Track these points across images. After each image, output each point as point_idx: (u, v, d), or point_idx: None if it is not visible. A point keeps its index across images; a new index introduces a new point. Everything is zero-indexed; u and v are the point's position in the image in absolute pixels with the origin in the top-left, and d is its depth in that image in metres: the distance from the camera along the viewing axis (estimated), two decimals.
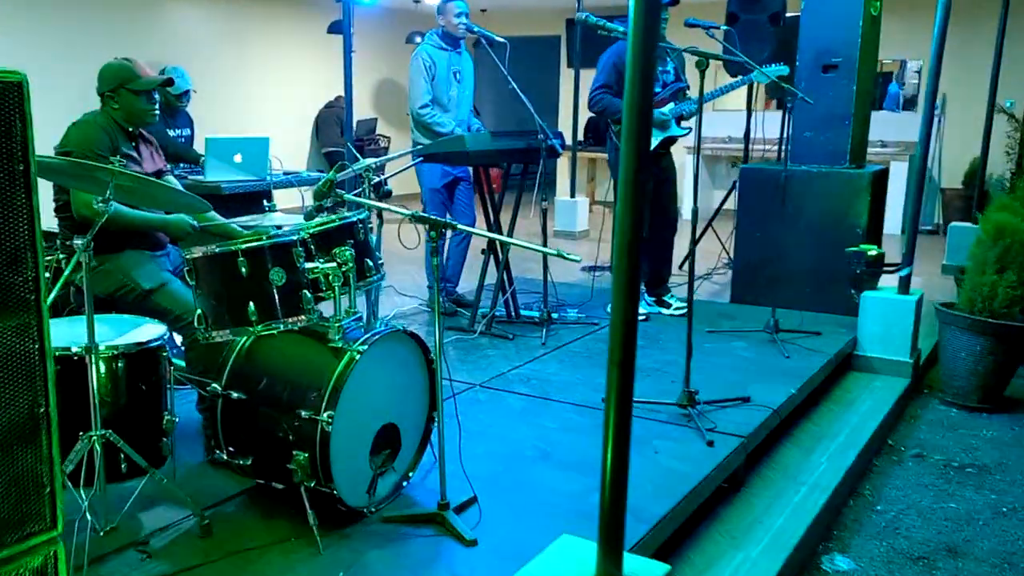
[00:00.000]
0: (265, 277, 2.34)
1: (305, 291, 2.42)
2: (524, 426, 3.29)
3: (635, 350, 1.78)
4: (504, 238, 2.45)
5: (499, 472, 2.87)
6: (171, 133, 4.66)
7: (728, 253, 7.11)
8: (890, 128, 9.30)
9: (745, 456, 3.20)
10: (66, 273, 2.20)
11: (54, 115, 2.92)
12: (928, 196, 9.54)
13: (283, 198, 4.95)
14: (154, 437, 2.44)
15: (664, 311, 5.00)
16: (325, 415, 2.34)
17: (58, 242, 3.07)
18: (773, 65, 4.51)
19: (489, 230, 4.67)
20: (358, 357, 2.41)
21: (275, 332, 2.41)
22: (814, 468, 3.38)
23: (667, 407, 3.43)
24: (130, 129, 2.90)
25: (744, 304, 5.22)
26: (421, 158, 3.49)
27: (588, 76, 8.90)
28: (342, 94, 9.94)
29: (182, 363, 3.59)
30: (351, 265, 2.53)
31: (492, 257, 4.70)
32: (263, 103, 9.64)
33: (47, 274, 3.42)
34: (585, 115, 9.71)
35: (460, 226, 2.39)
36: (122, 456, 2.30)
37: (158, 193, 2.34)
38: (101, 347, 2.29)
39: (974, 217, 7.51)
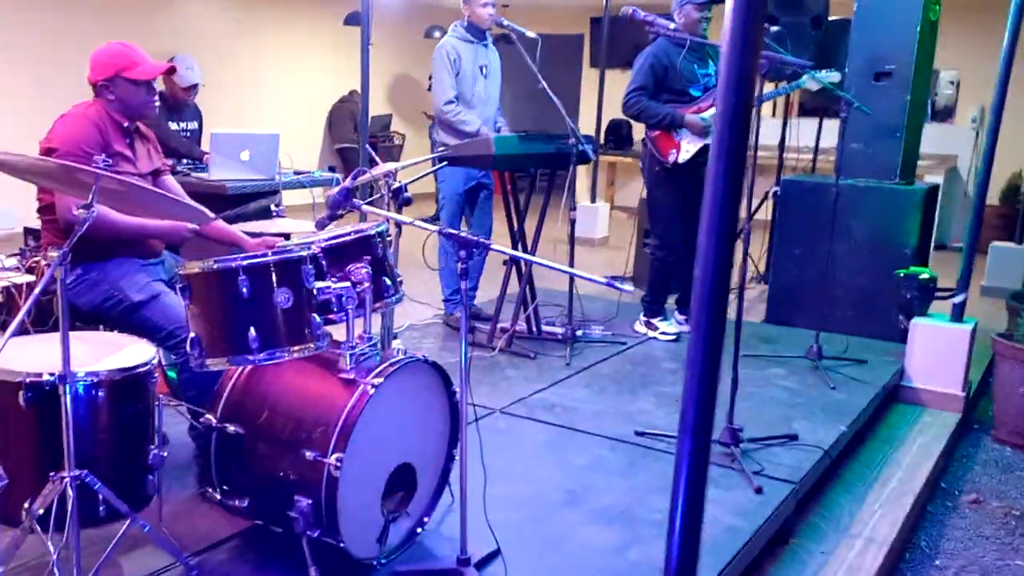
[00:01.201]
0: (269, 298, 2.04)
1: (314, 314, 2.12)
2: (550, 462, 2.99)
3: (712, 419, 1.47)
4: (545, 262, 2.15)
5: (523, 519, 2.56)
6: (174, 127, 4.36)
7: (757, 267, 6.80)
8: (923, 141, 8.94)
9: (795, 504, 2.89)
10: (41, 286, 1.90)
11: (56, 109, 2.61)
12: (963, 212, 9.19)
13: (292, 196, 4.65)
14: (138, 475, 2.15)
15: None
16: (333, 458, 2.04)
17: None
18: (823, 71, 4.18)
19: (513, 240, 4.37)
20: (372, 391, 2.11)
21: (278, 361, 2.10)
22: (867, 518, 3.07)
23: None
24: (125, 124, 2.60)
25: (780, 325, 4.90)
26: (445, 162, 3.20)
27: (613, 77, 8.64)
28: (356, 88, 9.71)
29: (174, 374, 3.30)
30: (367, 285, 2.23)
31: (515, 269, 4.39)
32: (275, 96, 9.35)
33: (31, 276, 3.15)
34: (608, 117, 9.40)
35: (494, 246, 2.09)
36: (101, 497, 2.01)
37: (151, 200, 2.05)
38: (79, 374, 1.99)
39: (1017, 236, 7.17)
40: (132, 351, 2.21)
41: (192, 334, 2.07)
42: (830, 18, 6.10)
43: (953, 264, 5.82)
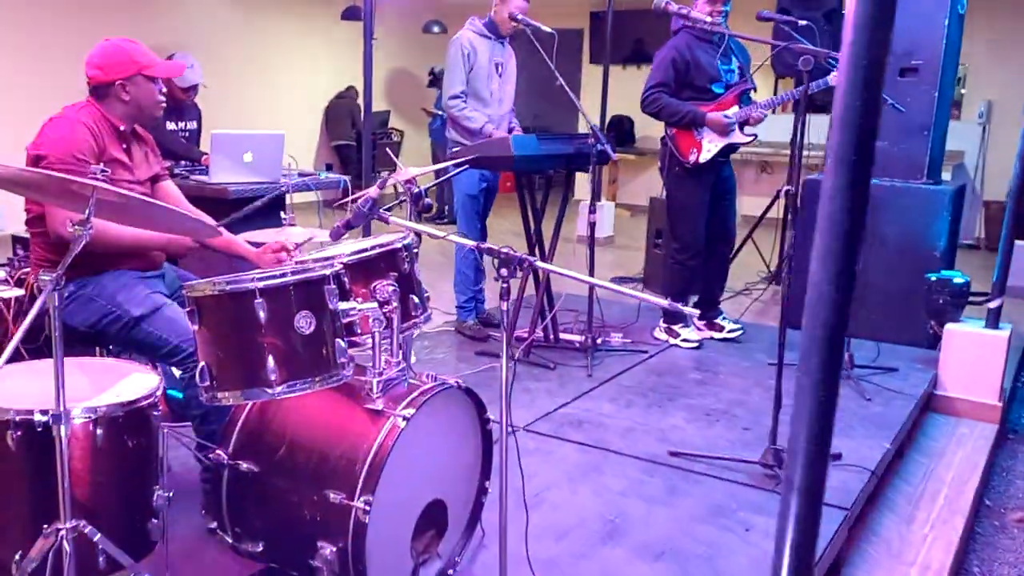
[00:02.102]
0: (289, 324, 1.82)
1: (339, 339, 1.90)
2: (584, 488, 2.78)
3: (825, 476, 1.27)
4: (602, 283, 1.93)
5: (563, 555, 2.36)
6: (172, 127, 4.12)
7: (769, 267, 6.63)
8: None
9: (848, 531, 2.70)
10: (32, 316, 1.68)
11: (50, 108, 2.39)
12: (970, 209, 9.05)
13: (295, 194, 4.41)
14: (142, 520, 1.93)
15: (716, 335, 4.49)
16: (361, 501, 1.83)
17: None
18: None
19: (529, 243, 4.16)
20: (403, 424, 1.90)
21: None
22: (918, 542, 2.88)
23: (747, 465, 2.93)
24: (121, 127, 2.37)
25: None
26: (467, 166, 2.99)
27: (616, 73, 8.44)
28: (354, 84, 9.45)
29: (179, 395, 3.08)
30: (395, 305, 2.02)
31: (532, 275, 4.18)
32: (271, 93, 9.10)
33: (20, 291, 2.92)
34: (610, 113, 9.20)
35: (541, 264, 1.88)
36: (100, 547, 1.79)
37: (153, 212, 1.83)
38: (74, 411, 1.77)
39: None
40: (133, 380, 1.99)
41: (201, 363, 1.85)
42: (844, 12, 5.92)
43: (964, 262, 5.65)
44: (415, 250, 2.26)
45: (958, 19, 4.51)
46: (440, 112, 8.28)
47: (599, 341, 4.24)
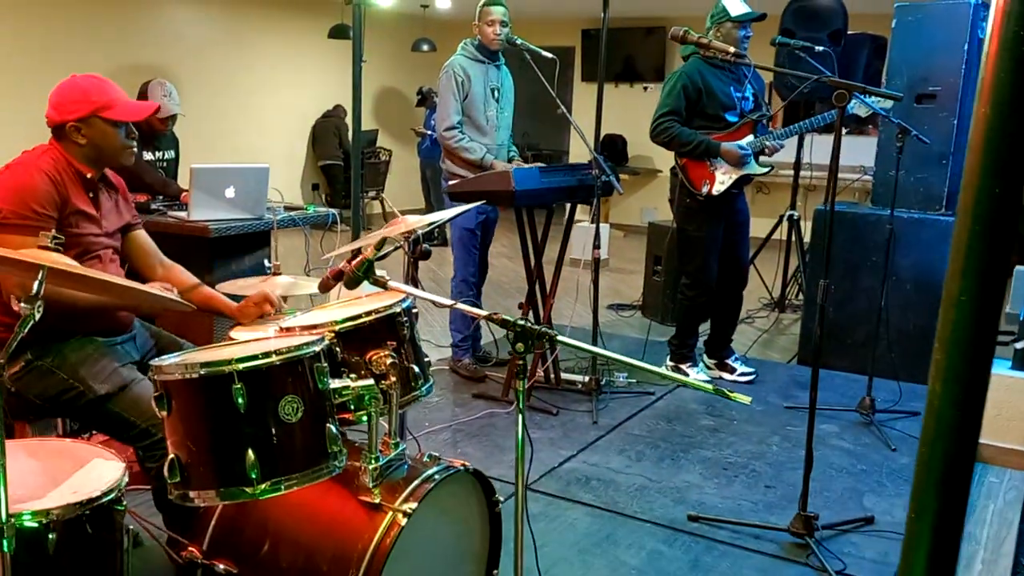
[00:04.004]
0: (273, 411, 1.57)
1: (329, 424, 1.65)
2: (597, 561, 2.53)
3: None
4: (635, 362, 1.69)
5: None
6: (149, 157, 3.86)
7: (771, 293, 6.43)
8: None
9: None
10: None
11: (17, 149, 2.13)
12: None
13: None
14: None
15: (727, 376, 4.27)
16: None
17: None
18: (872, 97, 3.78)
19: (530, 279, 3.93)
20: (404, 521, 1.65)
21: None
22: None
23: (775, 531, 2.69)
24: (88, 176, 2.12)
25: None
26: (469, 206, 2.75)
27: (608, 90, 8.24)
28: (341, 103, 9.20)
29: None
30: (393, 380, 1.77)
31: (532, 311, 3.95)
32: (257, 112, 8.83)
33: None
34: (603, 132, 9.01)
35: (562, 340, 1.65)
36: None
37: (112, 289, 1.58)
38: (22, 516, 1.51)
39: None
40: (93, 469, 1.73)
41: (170, 456, 1.60)
42: (851, 31, 5.76)
43: None
44: (415, 311, 2.02)
45: (979, 44, 4.33)
46: (430, 132, 8.06)
47: (603, 382, 4.00)
